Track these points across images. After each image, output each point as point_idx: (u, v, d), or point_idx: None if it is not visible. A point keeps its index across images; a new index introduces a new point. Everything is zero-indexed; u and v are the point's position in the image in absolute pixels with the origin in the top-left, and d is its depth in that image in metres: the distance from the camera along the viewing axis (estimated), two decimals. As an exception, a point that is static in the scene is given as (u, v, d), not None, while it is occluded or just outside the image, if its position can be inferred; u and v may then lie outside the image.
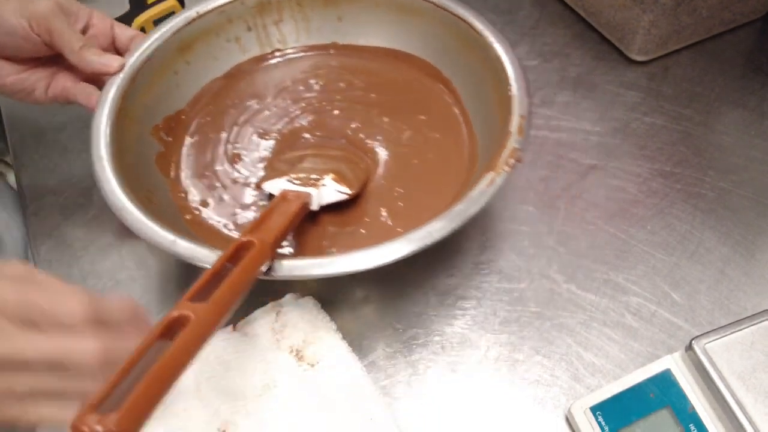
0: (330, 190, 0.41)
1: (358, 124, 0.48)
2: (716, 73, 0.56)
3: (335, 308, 0.41)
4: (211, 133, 0.48)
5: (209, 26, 0.49)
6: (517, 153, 0.37)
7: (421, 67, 0.50)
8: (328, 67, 0.52)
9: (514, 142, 0.38)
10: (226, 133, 0.48)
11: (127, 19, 0.54)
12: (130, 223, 0.36)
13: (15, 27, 0.39)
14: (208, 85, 0.50)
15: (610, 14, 0.57)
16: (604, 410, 0.35)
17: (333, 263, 0.34)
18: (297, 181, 0.41)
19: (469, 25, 0.45)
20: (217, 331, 0.27)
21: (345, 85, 0.50)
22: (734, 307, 0.41)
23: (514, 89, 0.41)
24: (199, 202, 0.44)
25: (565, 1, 0.62)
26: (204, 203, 0.44)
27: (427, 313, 0.41)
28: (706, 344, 0.33)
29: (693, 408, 0.33)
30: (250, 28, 0.51)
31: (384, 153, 0.46)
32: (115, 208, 0.37)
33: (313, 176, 0.41)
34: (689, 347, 0.34)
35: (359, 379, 0.36)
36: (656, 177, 0.48)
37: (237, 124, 0.48)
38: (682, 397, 0.33)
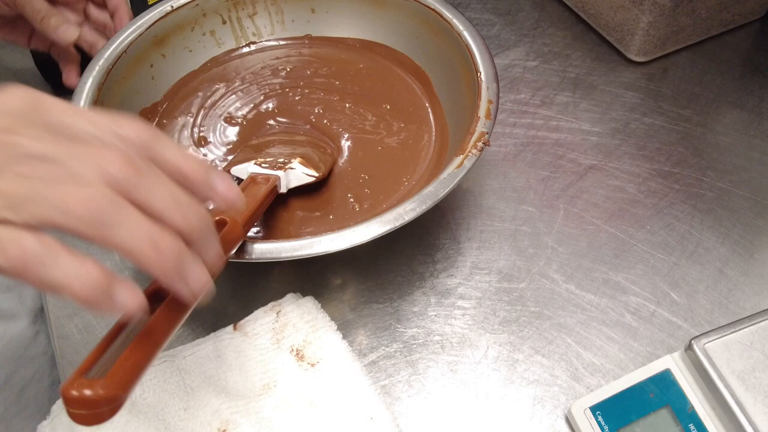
0: (298, 173, 0.41)
1: (320, 110, 0.48)
2: (715, 74, 0.56)
3: (335, 308, 0.41)
4: (179, 116, 0.49)
5: (184, 20, 0.49)
6: (485, 136, 0.38)
7: (393, 57, 0.51)
8: (299, 56, 0.53)
9: (482, 126, 0.39)
10: (192, 117, 0.48)
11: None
12: None
13: None
14: (184, 78, 0.51)
15: (610, 15, 0.57)
16: (604, 410, 0.35)
17: (306, 246, 0.34)
18: (265, 165, 0.41)
19: (439, 14, 0.46)
20: (197, 303, 0.27)
21: (311, 72, 0.51)
22: (733, 307, 0.41)
23: (483, 76, 0.42)
24: None
25: (565, 3, 0.62)
26: None
27: (427, 313, 0.41)
28: (705, 344, 0.34)
29: (692, 408, 0.33)
30: (225, 21, 0.51)
31: (348, 139, 0.47)
32: None
33: (281, 160, 0.42)
34: (689, 347, 0.34)
35: (359, 379, 0.36)
36: (655, 177, 0.49)
37: (204, 107, 0.49)
38: (682, 397, 0.34)
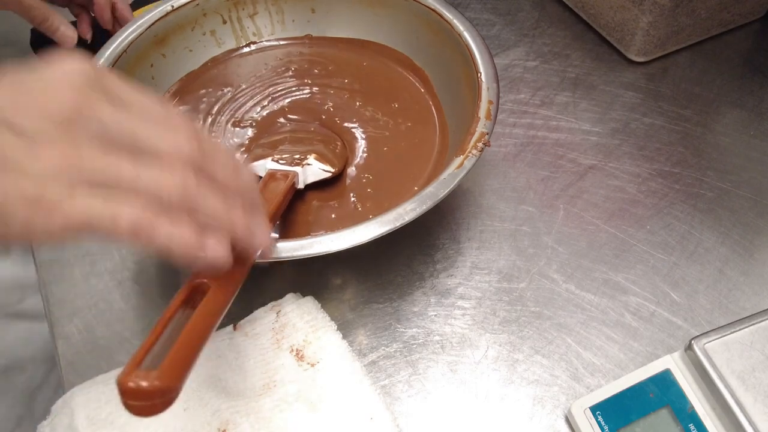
0: (314, 169, 0.42)
1: (331, 107, 0.49)
2: (715, 74, 0.56)
3: (335, 308, 0.41)
4: None
5: (185, 19, 0.49)
6: (485, 137, 0.38)
7: (394, 57, 0.51)
8: (301, 56, 0.53)
9: (482, 127, 0.39)
10: (200, 123, 0.48)
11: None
12: None
13: None
14: (186, 78, 0.51)
15: (610, 15, 0.57)
16: (604, 410, 0.35)
17: (306, 246, 0.35)
18: (282, 161, 0.42)
19: (439, 15, 0.46)
20: (235, 295, 0.29)
21: (318, 70, 0.51)
22: (733, 307, 0.41)
23: (483, 76, 0.42)
24: None
25: (565, 3, 0.62)
26: None
27: (427, 313, 0.41)
28: (705, 344, 0.34)
29: (692, 408, 0.33)
30: (225, 21, 0.51)
31: (360, 136, 0.47)
32: None
33: (297, 156, 0.43)
34: (688, 347, 0.34)
35: (359, 379, 0.36)
36: (655, 177, 0.49)
37: (211, 113, 0.49)
38: (682, 397, 0.34)
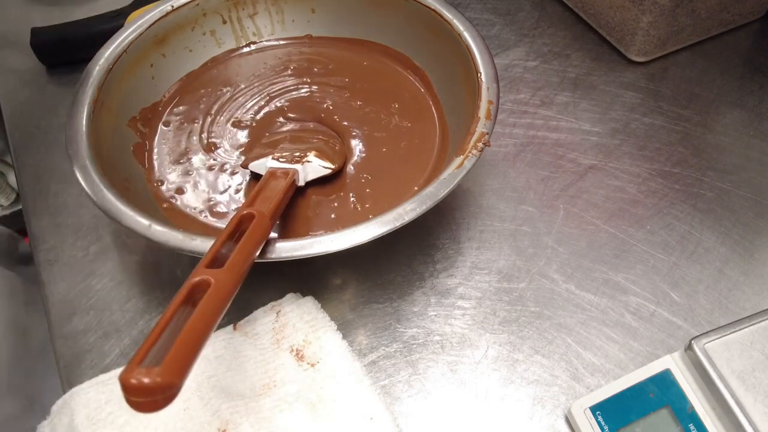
0: (315, 166, 0.42)
1: (330, 106, 0.49)
2: (715, 74, 0.56)
3: (335, 308, 0.42)
4: (186, 123, 0.48)
5: (184, 19, 0.49)
6: (485, 137, 0.38)
7: (394, 56, 0.51)
8: (301, 55, 0.53)
9: (482, 127, 0.39)
10: (199, 123, 0.48)
11: (127, 12, 0.54)
12: (108, 209, 0.37)
13: None
14: (186, 78, 0.51)
15: (610, 15, 0.57)
16: (604, 410, 0.35)
17: (306, 246, 0.35)
18: (282, 159, 0.42)
19: (439, 15, 0.46)
20: (235, 293, 0.29)
21: (318, 69, 0.51)
22: (733, 307, 0.41)
23: (483, 76, 0.42)
24: (175, 190, 0.45)
25: (565, 2, 0.62)
26: (179, 191, 0.44)
27: (427, 313, 0.41)
28: (705, 344, 0.34)
29: (692, 408, 0.33)
30: (225, 21, 0.51)
31: (357, 136, 0.47)
32: (93, 193, 0.37)
33: (297, 154, 0.43)
34: (688, 347, 0.34)
35: (359, 379, 0.36)
36: (655, 177, 0.49)
37: (210, 114, 0.49)
38: (682, 397, 0.34)
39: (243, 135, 0.48)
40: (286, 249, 0.34)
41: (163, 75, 0.50)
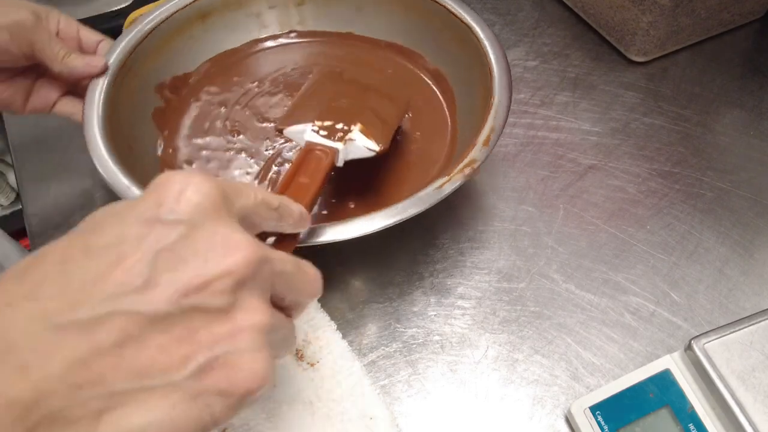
0: (358, 146, 0.38)
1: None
2: (715, 74, 0.56)
3: (335, 308, 0.41)
4: (214, 106, 0.49)
5: None
6: (475, 164, 0.37)
7: (425, 67, 0.51)
8: (332, 57, 0.52)
9: (475, 153, 0.38)
10: (227, 109, 0.49)
11: (127, 12, 0.54)
12: (96, 160, 0.38)
13: (7, 44, 0.38)
14: (221, 55, 0.51)
15: (610, 15, 0.57)
16: (604, 410, 0.35)
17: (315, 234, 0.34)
18: (323, 133, 0.38)
19: (475, 36, 0.45)
20: None
21: (346, 69, 0.51)
22: (733, 307, 0.41)
23: (495, 100, 0.41)
24: (185, 161, 0.45)
25: (565, 2, 0.62)
26: (189, 162, 0.45)
27: (427, 313, 0.41)
28: (705, 344, 0.34)
29: (692, 408, 0.33)
30: (272, 6, 0.52)
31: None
32: (87, 140, 0.39)
33: (340, 125, 0.39)
34: (688, 347, 0.34)
35: (359, 379, 0.36)
36: (655, 177, 0.49)
37: (239, 104, 0.50)
38: (682, 397, 0.34)
39: (267, 129, 0.48)
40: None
41: (201, 49, 0.51)
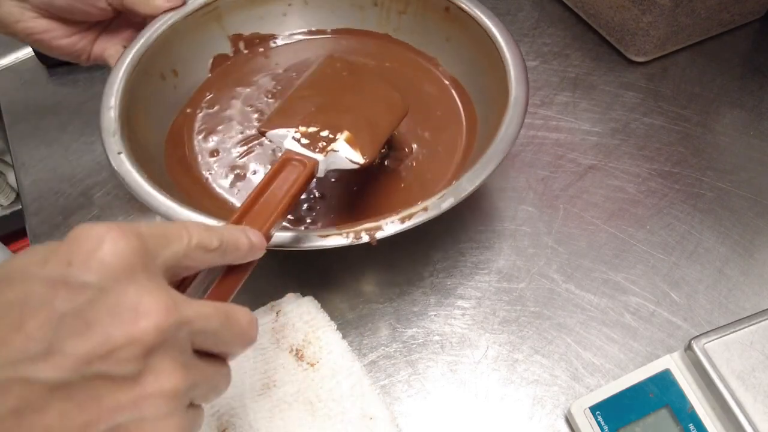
0: (340, 157, 0.36)
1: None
2: (715, 74, 0.56)
3: (335, 308, 0.42)
4: (257, 95, 0.50)
5: None
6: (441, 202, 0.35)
7: (451, 80, 0.49)
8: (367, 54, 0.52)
9: (448, 192, 0.36)
10: (263, 104, 0.50)
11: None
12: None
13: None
14: (310, 31, 0.53)
15: (610, 15, 0.57)
16: (604, 410, 0.35)
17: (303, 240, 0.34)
18: (305, 141, 0.36)
19: (496, 46, 0.44)
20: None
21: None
22: (733, 307, 0.41)
23: (500, 134, 0.38)
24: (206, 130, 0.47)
25: (565, 2, 0.62)
26: (209, 131, 0.47)
27: (427, 313, 0.41)
28: (705, 344, 0.34)
29: (692, 408, 0.33)
30: (376, 4, 0.51)
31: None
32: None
33: (325, 134, 0.36)
34: (688, 347, 0.34)
35: (359, 379, 0.36)
36: (655, 177, 0.49)
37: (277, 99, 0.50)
38: (682, 397, 0.34)
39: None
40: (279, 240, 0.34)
41: (294, 20, 0.52)
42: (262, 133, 0.38)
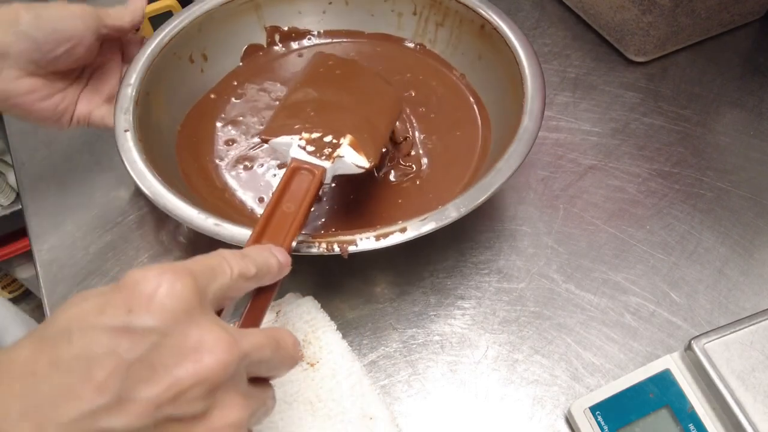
0: (346, 163, 0.36)
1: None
2: (714, 74, 0.56)
3: (335, 308, 0.42)
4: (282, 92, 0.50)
5: None
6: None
7: (473, 94, 0.49)
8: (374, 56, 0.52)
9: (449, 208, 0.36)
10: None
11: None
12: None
13: (78, 28, 0.38)
14: (342, 40, 0.53)
15: (609, 15, 0.57)
16: (604, 410, 0.35)
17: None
18: (311, 148, 0.35)
19: (519, 67, 0.43)
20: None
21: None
22: (733, 307, 0.41)
23: (505, 156, 0.38)
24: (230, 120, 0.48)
25: (565, 3, 0.62)
26: (234, 122, 0.48)
27: (427, 313, 0.41)
28: (705, 344, 0.34)
29: (692, 408, 0.33)
30: (415, 13, 0.52)
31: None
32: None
33: (328, 139, 0.36)
34: (688, 347, 0.34)
35: (359, 379, 0.36)
36: (655, 177, 0.49)
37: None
38: (681, 397, 0.34)
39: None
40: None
41: (334, 18, 0.53)
42: (265, 141, 0.37)
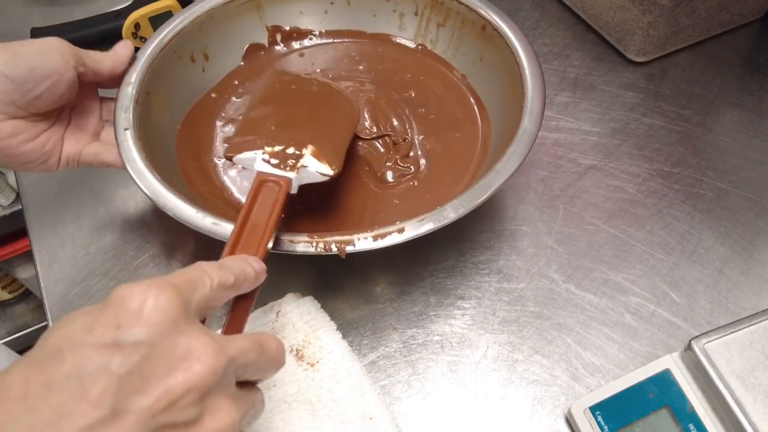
0: (310, 172, 0.37)
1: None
2: (714, 74, 0.56)
3: (335, 308, 0.42)
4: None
5: None
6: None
7: (474, 94, 0.49)
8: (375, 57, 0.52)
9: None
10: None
11: (127, 12, 0.54)
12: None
13: (57, 63, 0.37)
14: (343, 40, 0.53)
15: (609, 15, 0.57)
16: (604, 410, 0.35)
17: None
18: (275, 161, 0.36)
19: (519, 68, 0.43)
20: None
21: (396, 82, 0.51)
22: (733, 307, 0.41)
23: (501, 162, 0.38)
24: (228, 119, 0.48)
25: (565, 3, 0.62)
26: (231, 120, 0.48)
27: (427, 313, 0.41)
28: (705, 344, 0.34)
29: (692, 408, 0.33)
30: (417, 14, 0.51)
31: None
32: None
33: (291, 151, 0.37)
34: (688, 347, 0.34)
35: (359, 379, 0.36)
36: (655, 177, 0.49)
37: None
38: (681, 397, 0.34)
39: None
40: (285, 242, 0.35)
41: (335, 19, 0.53)
42: (229, 158, 0.37)
